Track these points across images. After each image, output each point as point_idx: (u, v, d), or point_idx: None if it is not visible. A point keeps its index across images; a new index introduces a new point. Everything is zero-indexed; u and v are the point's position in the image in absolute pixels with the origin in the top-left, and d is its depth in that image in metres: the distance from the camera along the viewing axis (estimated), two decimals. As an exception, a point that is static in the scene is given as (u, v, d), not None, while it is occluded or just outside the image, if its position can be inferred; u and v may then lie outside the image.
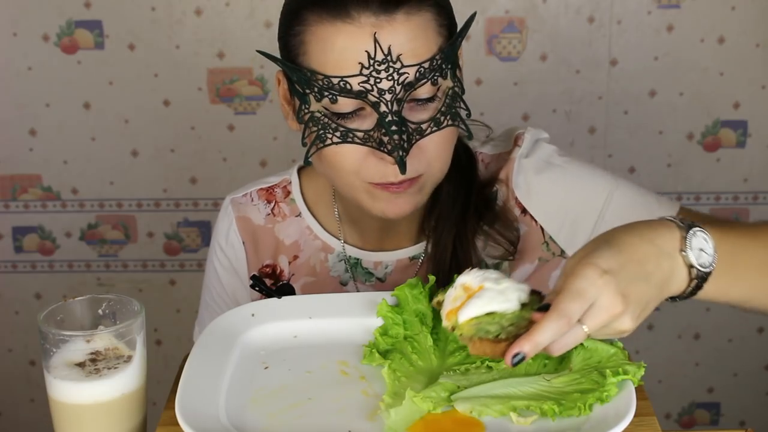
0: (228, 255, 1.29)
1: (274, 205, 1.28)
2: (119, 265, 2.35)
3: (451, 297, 0.93)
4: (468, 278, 0.93)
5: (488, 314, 0.89)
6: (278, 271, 1.28)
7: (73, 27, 2.18)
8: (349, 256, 1.25)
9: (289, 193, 1.29)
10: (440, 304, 0.97)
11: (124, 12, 2.16)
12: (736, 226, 0.98)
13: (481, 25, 2.17)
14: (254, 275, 1.17)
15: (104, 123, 2.25)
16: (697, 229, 0.90)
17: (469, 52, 2.18)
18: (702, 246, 0.89)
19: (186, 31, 2.18)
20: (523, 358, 0.83)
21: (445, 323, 0.93)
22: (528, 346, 0.82)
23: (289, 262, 1.27)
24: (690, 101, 2.23)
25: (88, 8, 2.16)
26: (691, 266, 0.89)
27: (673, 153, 2.26)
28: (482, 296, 0.90)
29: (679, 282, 0.89)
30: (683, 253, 0.88)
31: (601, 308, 0.83)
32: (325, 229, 1.26)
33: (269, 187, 1.30)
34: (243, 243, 1.28)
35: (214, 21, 2.17)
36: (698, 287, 0.90)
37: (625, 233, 0.89)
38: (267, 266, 1.28)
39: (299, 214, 1.27)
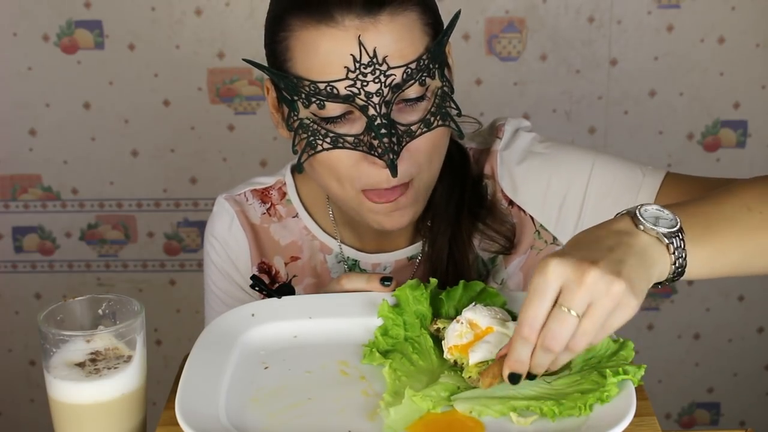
0: (229, 251, 1.28)
1: (270, 206, 1.28)
2: (119, 265, 2.35)
3: (456, 332, 0.93)
4: (475, 315, 0.94)
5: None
6: (274, 272, 1.27)
7: (73, 27, 2.18)
8: (347, 257, 1.25)
9: (284, 194, 1.28)
10: (439, 331, 0.98)
11: (124, 12, 2.17)
12: (699, 199, 0.95)
13: (481, 25, 2.17)
14: (254, 275, 1.17)
15: (104, 123, 2.25)
16: (644, 205, 0.87)
17: (469, 52, 2.18)
18: (656, 215, 0.87)
19: (186, 31, 2.18)
20: (520, 377, 0.84)
21: (447, 356, 0.94)
22: (512, 362, 0.84)
23: (286, 263, 1.27)
24: (690, 101, 2.23)
25: (88, 8, 2.16)
26: (657, 234, 0.85)
27: (673, 153, 2.26)
28: (491, 340, 0.91)
29: (658, 252, 0.85)
30: (641, 227, 0.86)
31: (570, 284, 0.81)
32: (323, 230, 1.26)
33: (264, 188, 1.29)
34: (246, 236, 1.27)
35: (214, 21, 2.17)
36: (682, 256, 0.87)
37: (578, 234, 0.88)
38: (263, 263, 1.27)
39: (296, 215, 1.27)
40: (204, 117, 2.24)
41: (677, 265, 0.87)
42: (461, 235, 1.19)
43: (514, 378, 0.84)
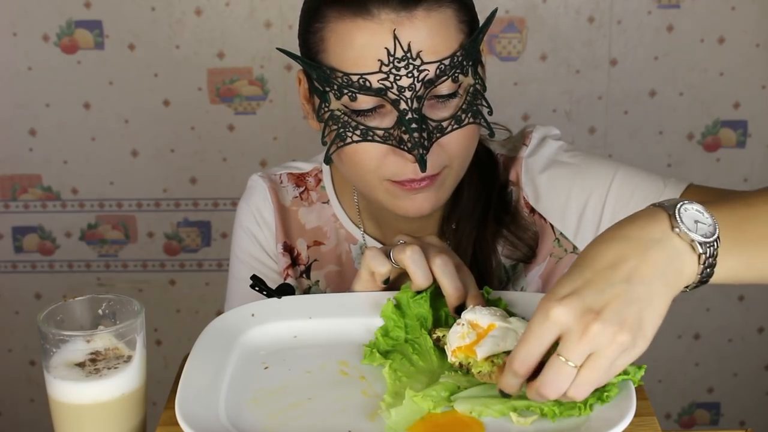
0: (258, 218, 1.28)
1: (304, 191, 1.29)
2: (119, 265, 2.35)
3: (458, 334, 0.93)
4: (475, 316, 0.93)
5: (504, 352, 0.89)
6: (296, 253, 1.28)
7: (73, 27, 2.18)
8: None
9: (320, 181, 1.29)
10: (440, 340, 0.97)
11: (124, 12, 2.17)
12: (730, 200, 0.89)
13: (481, 25, 2.17)
14: (254, 275, 1.17)
15: (104, 123, 2.25)
16: (685, 203, 0.82)
17: (469, 52, 2.18)
18: (696, 218, 0.81)
19: (186, 31, 2.18)
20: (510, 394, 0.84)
21: (452, 359, 0.93)
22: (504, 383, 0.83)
23: (308, 247, 1.28)
24: (690, 101, 2.23)
25: (88, 8, 2.16)
26: (692, 242, 0.80)
27: (673, 153, 2.26)
28: (497, 334, 0.91)
29: (688, 263, 0.81)
30: (676, 231, 0.80)
31: (570, 334, 0.77)
32: (350, 219, 1.27)
33: (300, 173, 1.30)
34: (274, 213, 1.28)
35: (214, 21, 2.17)
36: (711, 265, 0.82)
37: (596, 242, 0.82)
38: (287, 243, 1.28)
39: (327, 201, 1.28)
40: (204, 117, 2.24)
41: (704, 274, 0.83)
42: (486, 239, 1.19)
43: (506, 394, 0.84)
